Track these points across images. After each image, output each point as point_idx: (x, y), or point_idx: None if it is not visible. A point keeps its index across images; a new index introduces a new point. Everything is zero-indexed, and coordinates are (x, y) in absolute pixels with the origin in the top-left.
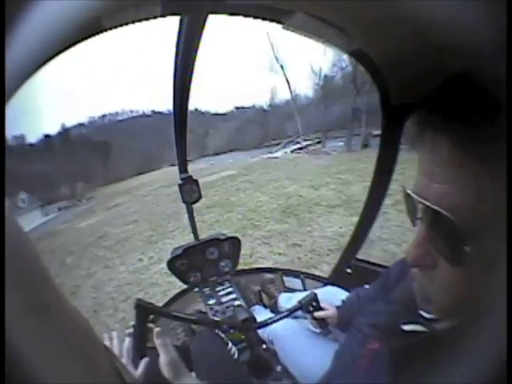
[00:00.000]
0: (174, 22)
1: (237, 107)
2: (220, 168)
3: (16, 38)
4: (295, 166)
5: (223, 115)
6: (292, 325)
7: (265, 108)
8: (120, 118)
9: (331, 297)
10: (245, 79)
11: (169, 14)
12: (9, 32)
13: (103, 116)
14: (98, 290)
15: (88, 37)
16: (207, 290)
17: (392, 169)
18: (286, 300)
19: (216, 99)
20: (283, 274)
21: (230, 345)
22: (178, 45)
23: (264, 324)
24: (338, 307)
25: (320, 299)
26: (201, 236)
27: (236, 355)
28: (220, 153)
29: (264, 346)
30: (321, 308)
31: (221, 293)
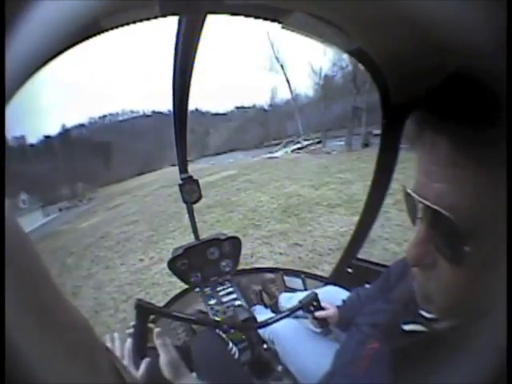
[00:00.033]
0: (174, 22)
1: (237, 107)
2: (220, 168)
3: (16, 39)
4: (296, 166)
5: (224, 115)
6: (293, 325)
7: (265, 108)
8: (120, 119)
9: (332, 296)
10: (245, 79)
11: (167, 15)
12: (9, 32)
13: (104, 116)
14: (99, 291)
15: (88, 37)
16: (208, 290)
17: (392, 168)
18: (287, 300)
19: (216, 99)
20: (284, 274)
21: (231, 345)
22: (177, 45)
23: (265, 324)
24: (339, 307)
25: (321, 299)
26: (201, 236)
27: (237, 355)
28: (220, 152)
29: (265, 346)
30: (321, 308)
31: (221, 293)
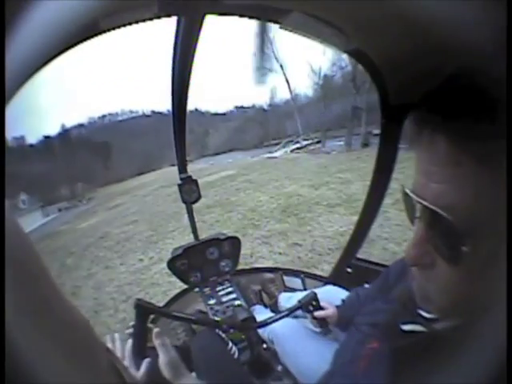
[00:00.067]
0: (173, 22)
1: (236, 107)
2: (220, 168)
3: (16, 39)
4: (295, 166)
5: (223, 115)
6: (292, 324)
7: (264, 108)
8: (120, 119)
9: (331, 296)
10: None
11: (166, 15)
12: (9, 32)
13: (103, 116)
14: (99, 291)
15: (87, 38)
16: (207, 290)
17: (392, 168)
18: (286, 299)
19: (216, 99)
20: (283, 274)
21: (231, 344)
22: (176, 45)
23: (264, 323)
24: (338, 306)
25: (320, 298)
26: (201, 236)
27: (236, 355)
28: (220, 152)
29: (264, 346)
30: (321, 307)
31: (221, 292)
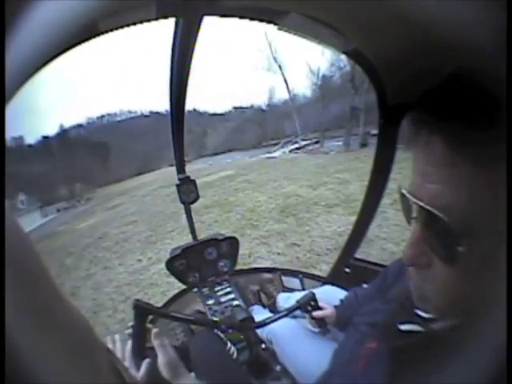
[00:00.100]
0: (171, 23)
1: (235, 107)
2: (218, 168)
3: (16, 39)
4: (293, 166)
5: (221, 115)
6: (291, 324)
7: (263, 108)
8: (118, 119)
9: (330, 296)
10: (243, 79)
11: (164, 17)
12: (9, 32)
13: (102, 117)
14: (98, 291)
15: (87, 39)
16: (206, 290)
17: (390, 168)
18: (285, 300)
19: (214, 99)
20: (282, 274)
21: (229, 345)
22: (174, 46)
23: (262, 324)
24: (337, 306)
25: (318, 299)
26: (199, 236)
27: (235, 355)
28: (218, 153)
29: (263, 346)
30: (319, 307)
31: (219, 293)
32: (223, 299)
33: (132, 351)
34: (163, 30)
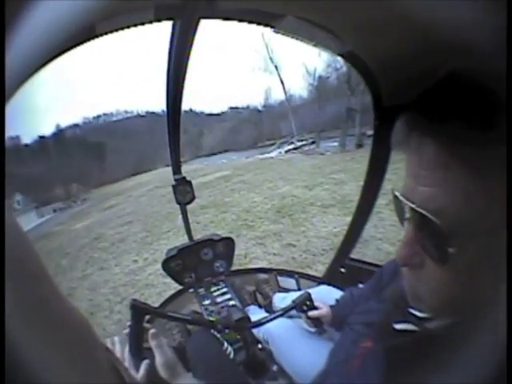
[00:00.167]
0: (168, 25)
1: (231, 107)
2: (214, 168)
3: (15, 39)
4: (289, 167)
5: (218, 115)
6: (287, 324)
7: (259, 108)
8: (115, 119)
9: (325, 296)
10: (239, 79)
11: (162, 19)
12: (8, 32)
13: (98, 117)
14: (94, 292)
15: (87, 40)
16: (202, 291)
17: (385, 168)
18: (281, 300)
19: (210, 99)
20: (277, 274)
21: (226, 345)
22: (171, 48)
23: (258, 323)
24: (332, 306)
25: (314, 299)
26: (195, 237)
27: (232, 355)
28: (214, 153)
29: (259, 346)
30: (315, 307)
31: (216, 293)
32: (219, 299)
33: (130, 351)
34: (160, 32)
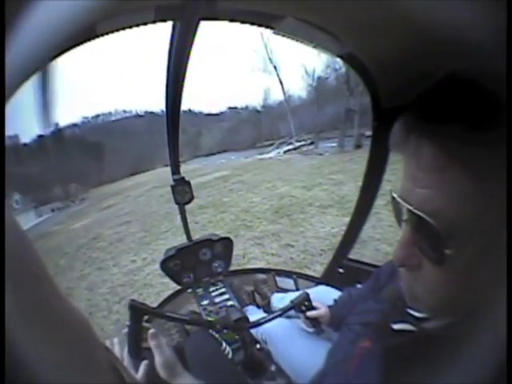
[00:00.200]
0: (168, 26)
1: (230, 108)
2: (213, 168)
3: (15, 39)
4: (288, 167)
5: (216, 115)
6: (285, 324)
7: (258, 109)
8: (113, 119)
9: (323, 296)
10: (238, 80)
11: (162, 20)
12: (8, 32)
13: (97, 116)
14: (92, 292)
15: (87, 40)
16: (200, 291)
17: (383, 169)
18: (279, 300)
19: (209, 99)
20: (276, 275)
21: (224, 345)
22: (171, 48)
23: (257, 324)
24: (331, 306)
25: (312, 299)
26: (194, 237)
27: (230, 355)
28: (213, 153)
29: (258, 346)
30: (313, 307)
31: (214, 293)
32: (218, 299)
33: (128, 351)
34: (160, 32)
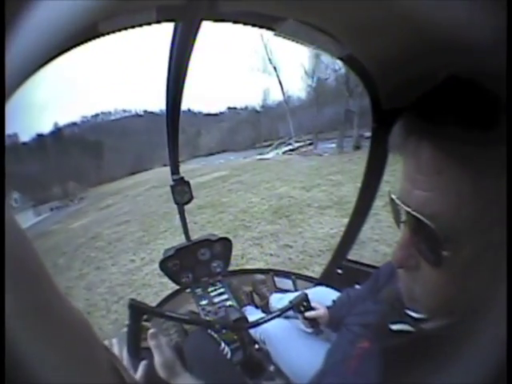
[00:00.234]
0: (170, 26)
1: (229, 108)
2: (212, 169)
3: (15, 39)
4: (287, 167)
5: (215, 115)
6: (284, 325)
7: (257, 109)
8: (113, 118)
9: (322, 297)
10: (238, 80)
11: (164, 21)
12: (8, 32)
13: (96, 115)
14: (91, 292)
15: (87, 40)
16: (199, 291)
17: (382, 171)
18: (278, 300)
19: (209, 100)
20: (274, 275)
21: (223, 345)
22: (172, 49)
23: (256, 324)
24: (329, 307)
25: (311, 299)
26: (192, 237)
27: (229, 355)
28: (212, 153)
29: (256, 346)
30: (312, 308)
31: (213, 293)
32: (216, 300)
33: (128, 351)
34: (161, 32)
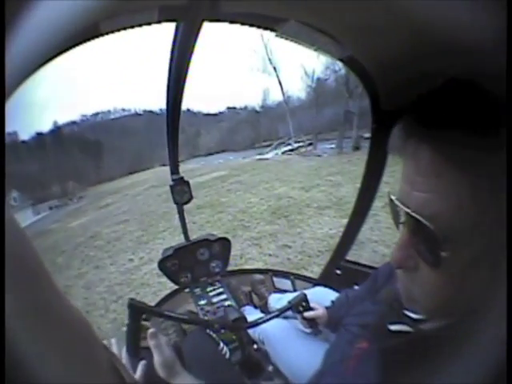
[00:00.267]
0: (171, 26)
1: (229, 108)
2: (211, 168)
3: (15, 39)
4: (286, 168)
5: (215, 115)
6: (283, 325)
7: (257, 109)
8: (112, 117)
9: (321, 297)
10: (237, 80)
11: (165, 21)
12: (8, 32)
13: (95, 114)
14: (89, 291)
15: (88, 39)
16: (198, 291)
17: (381, 171)
18: (276, 301)
19: (208, 99)
20: (273, 275)
21: (222, 345)
22: (173, 49)
23: (254, 324)
24: (328, 307)
25: (310, 300)
26: (191, 237)
27: (228, 355)
28: (211, 153)
29: (255, 346)
30: (310, 308)
31: (211, 293)
32: (215, 299)
33: (127, 350)
34: (161, 32)
